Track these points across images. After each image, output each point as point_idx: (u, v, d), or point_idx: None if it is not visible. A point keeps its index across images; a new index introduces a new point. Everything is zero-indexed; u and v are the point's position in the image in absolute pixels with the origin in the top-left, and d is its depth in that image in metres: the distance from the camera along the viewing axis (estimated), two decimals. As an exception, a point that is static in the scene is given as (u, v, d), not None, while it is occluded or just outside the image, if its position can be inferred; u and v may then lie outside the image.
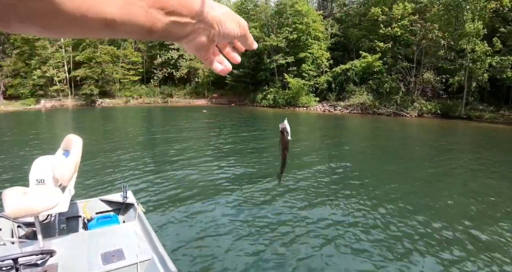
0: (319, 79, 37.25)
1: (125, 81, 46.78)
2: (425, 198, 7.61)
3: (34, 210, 3.24)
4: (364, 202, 7.19)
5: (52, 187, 3.60)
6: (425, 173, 9.97)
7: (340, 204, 7.01)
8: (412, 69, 32.75)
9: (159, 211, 6.45)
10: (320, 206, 6.92)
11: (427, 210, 6.78)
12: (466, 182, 9.24)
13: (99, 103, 44.55)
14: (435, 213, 6.63)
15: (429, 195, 7.85)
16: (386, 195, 7.74)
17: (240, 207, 6.76)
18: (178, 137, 16.23)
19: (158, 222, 5.86)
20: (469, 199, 7.61)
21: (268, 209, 6.65)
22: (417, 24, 32.48)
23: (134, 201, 4.22)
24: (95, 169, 9.63)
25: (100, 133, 18.40)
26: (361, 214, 6.52)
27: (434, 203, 7.26)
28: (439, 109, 30.11)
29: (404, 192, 8.06)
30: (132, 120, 27.37)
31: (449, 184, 8.94)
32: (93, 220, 4.05)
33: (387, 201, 7.21)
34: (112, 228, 3.74)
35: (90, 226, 3.95)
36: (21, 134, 18.26)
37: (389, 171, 10.18)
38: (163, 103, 45.99)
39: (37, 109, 40.23)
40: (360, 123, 26.21)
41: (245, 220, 6.13)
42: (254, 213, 6.43)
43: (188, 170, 9.66)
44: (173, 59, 46.28)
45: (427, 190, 8.27)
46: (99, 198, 4.40)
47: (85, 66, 44.60)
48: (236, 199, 7.19)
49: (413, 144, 16.31)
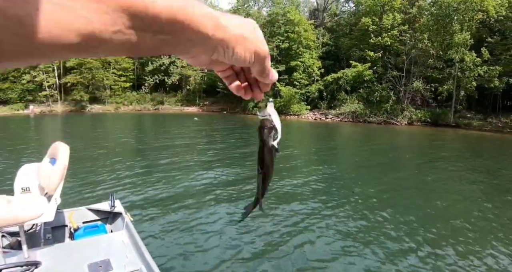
0: (311, 87, 37.51)
1: (116, 87, 46.44)
2: (415, 205, 7.65)
3: (19, 220, 3.13)
4: (355, 210, 7.18)
5: (38, 196, 3.49)
6: (415, 181, 10.03)
7: (330, 213, 6.99)
8: (402, 78, 33.23)
9: (148, 220, 6.34)
10: (311, 214, 6.89)
11: (417, 217, 6.80)
12: (455, 189, 9.32)
13: (89, 109, 44.11)
14: (425, 220, 6.65)
15: (419, 202, 7.88)
16: (377, 203, 7.75)
17: (231, 216, 6.69)
18: (168, 144, 16.12)
19: (147, 231, 5.76)
20: (459, 206, 7.66)
21: (258, 218, 6.59)
22: (407, 34, 33.07)
23: (122, 210, 4.13)
24: (82, 176, 9.47)
25: (89, 140, 18.17)
26: (351, 222, 6.50)
27: (424, 210, 7.29)
28: (429, 117, 30.56)
29: (394, 200, 8.08)
30: (122, 127, 27.13)
31: (438, 191, 9.00)
32: (80, 229, 3.95)
33: (377, 209, 7.21)
34: (99, 237, 3.64)
35: (77, 236, 3.85)
36: (8, 140, 17.93)
37: (380, 179, 10.21)
38: (154, 110, 45.75)
39: (25, 115, 39.66)
40: (351, 131, 26.38)
41: (235, 229, 6.06)
42: (245, 222, 6.37)
43: (178, 178, 9.56)
44: (164, 65, 46.19)
45: (417, 198, 8.31)
46: (86, 207, 4.29)
47: (75, 72, 44.24)
48: (226, 208, 7.13)
49: (403, 152, 16.45)
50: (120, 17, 0.33)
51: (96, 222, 4.19)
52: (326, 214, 6.96)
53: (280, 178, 9.45)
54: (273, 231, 5.98)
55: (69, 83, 44.23)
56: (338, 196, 8.22)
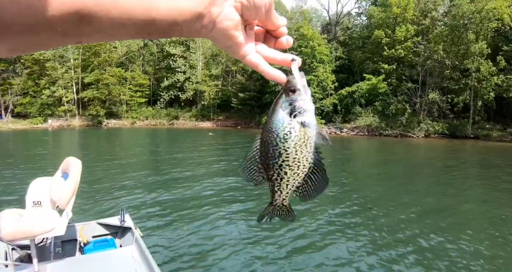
0: (325, 101, 37.39)
1: (132, 102, 47.30)
2: (436, 221, 7.35)
3: (30, 233, 3.17)
4: (372, 226, 6.95)
5: (49, 210, 3.50)
6: (435, 195, 9.70)
7: (347, 228, 6.77)
8: (417, 90, 32.80)
9: (158, 235, 6.26)
10: (327, 229, 6.69)
11: (439, 234, 6.52)
12: (477, 204, 8.96)
13: (105, 124, 44.90)
14: (447, 236, 6.37)
15: (440, 218, 7.58)
16: (395, 219, 7.49)
17: (243, 232, 6.55)
18: (182, 160, 16.14)
19: (157, 246, 5.67)
20: (482, 221, 7.34)
21: (272, 234, 6.43)
22: (421, 45, 32.81)
23: (131, 225, 4.11)
24: (95, 190, 9.50)
25: (104, 154, 18.38)
26: (369, 238, 6.27)
27: (445, 226, 6.99)
28: (446, 129, 29.94)
29: (414, 215, 7.80)
30: (137, 141, 27.43)
31: (460, 208, 8.66)
32: (90, 244, 3.93)
33: (395, 225, 6.96)
34: (109, 252, 3.61)
35: (86, 250, 3.82)
36: (26, 153, 18.29)
37: (398, 194, 9.93)
38: (169, 125, 46.20)
39: (44, 128, 40.59)
40: (367, 145, 26.00)
41: (248, 245, 5.91)
42: (258, 237, 6.22)
43: (190, 195, 9.48)
44: (179, 82, 46.89)
45: (438, 213, 8.00)
46: (96, 221, 4.29)
47: (92, 87, 45.31)
48: (239, 224, 6.98)
49: (421, 165, 16.04)
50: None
51: (106, 237, 4.17)
52: (341, 230, 6.75)
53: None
54: (287, 251, 5.81)
55: (86, 98, 45.31)
56: (353, 213, 7.99)
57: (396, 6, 34.73)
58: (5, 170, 12.84)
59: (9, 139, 28.95)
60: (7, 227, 3.09)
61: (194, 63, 48.27)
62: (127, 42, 50.95)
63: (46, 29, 0.34)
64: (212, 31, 0.46)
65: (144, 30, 0.41)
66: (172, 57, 47.95)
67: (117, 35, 0.40)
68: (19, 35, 0.32)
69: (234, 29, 0.47)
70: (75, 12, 0.34)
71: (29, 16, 0.32)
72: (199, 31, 0.45)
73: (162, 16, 0.40)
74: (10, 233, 3.08)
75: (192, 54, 48.33)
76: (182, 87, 47.20)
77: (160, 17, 0.40)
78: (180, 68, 47.00)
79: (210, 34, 0.46)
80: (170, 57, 48.35)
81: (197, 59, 48.48)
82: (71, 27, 0.36)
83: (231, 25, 0.46)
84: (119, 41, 50.04)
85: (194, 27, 0.44)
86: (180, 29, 0.43)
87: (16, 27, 0.32)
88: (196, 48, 48.51)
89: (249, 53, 0.52)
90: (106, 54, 46.31)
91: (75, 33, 0.37)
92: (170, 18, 0.41)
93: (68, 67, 45.51)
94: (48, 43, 0.37)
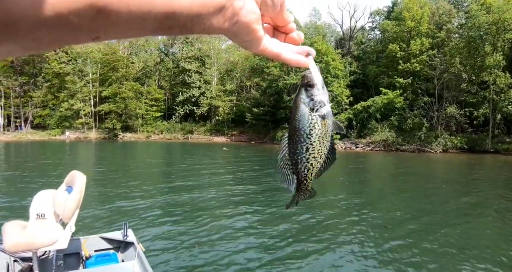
0: (340, 116, 37.12)
1: (148, 116, 48.02)
2: (455, 241, 6.98)
3: (33, 245, 3.17)
4: (389, 246, 6.64)
5: (53, 223, 3.48)
6: (453, 214, 9.30)
7: (363, 249, 6.48)
8: (434, 104, 32.23)
9: (161, 250, 6.11)
10: (342, 250, 6.42)
11: (458, 255, 6.17)
12: (499, 222, 8.52)
13: (121, 137, 45.58)
14: (466, 257, 6.01)
15: (459, 237, 7.21)
16: (412, 239, 7.16)
17: (252, 251, 6.34)
18: (194, 175, 16.04)
19: (160, 263, 5.53)
20: (503, 241, 6.93)
21: (283, 251, 6.20)
22: (437, 58, 32.41)
23: (134, 240, 4.09)
24: (100, 204, 9.44)
25: (117, 166, 18.50)
26: (385, 259, 5.98)
27: (465, 247, 6.63)
28: (465, 144, 29.16)
29: (432, 235, 7.44)
30: (151, 155, 27.60)
31: (480, 224, 8.25)
32: (92, 258, 3.90)
33: (413, 247, 6.64)
34: (111, 267, 3.58)
35: (88, 264, 3.79)
36: (43, 164, 18.54)
37: (415, 212, 9.55)
38: (183, 139, 46.54)
39: (61, 140, 41.38)
40: (383, 160, 25.50)
41: (257, 263, 5.70)
42: (272, 255, 6.00)
43: (197, 210, 9.31)
44: (194, 96, 47.43)
45: (457, 233, 7.62)
46: (99, 235, 4.27)
47: (109, 101, 46.27)
48: (247, 242, 6.76)
49: (439, 181, 15.53)
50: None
51: (108, 251, 4.16)
52: (358, 249, 6.47)
53: (307, 209, 9.03)
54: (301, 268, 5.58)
55: (103, 112, 46.27)
56: (370, 230, 7.69)
57: (410, 20, 34.57)
58: (26, 179, 13.00)
59: (28, 150, 29.56)
60: (10, 239, 3.08)
61: (208, 79, 48.89)
62: (144, 57, 52.13)
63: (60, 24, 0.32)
64: (235, 26, 0.44)
65: (165, 24, 0.38)
66: (187, 72, 48.72)
67: (136, 30, 0.37)
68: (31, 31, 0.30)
69: (256, 23, 0.46)
70: (90, 5, 0.32)
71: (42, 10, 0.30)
72: (222, 25, 0.42)
73: (184, 8, 0.38)
74: (13, 245, 3.07)
75: (207, 69, 49.01)
76: (197, 102, 47.72)
77: (182, 9, 0.38)
78: (195, 83, 47.63)
79: (232, 29, 0.44)
80: (185, 72, 49.16)
81: (212, 74, 49.09)
82: (87, 21, 0.33)
83: (254, 19, 0.45)
84: (136, 55, 51.43)
85: (217, 21, 0.42)
86: (203, 23, 0.40)
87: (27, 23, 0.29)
88: (211, 64, 49.20)
89: (268, 45, 0.51)
90: (123, 69, 47.39)
91: (91, 29, 0.34)
92: (192, 10, 0.38)
93: (87, 81, 46.74)
94: (63, 40, 0.34)
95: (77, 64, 46.53)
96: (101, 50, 46.99)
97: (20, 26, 0.30)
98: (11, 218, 3.80)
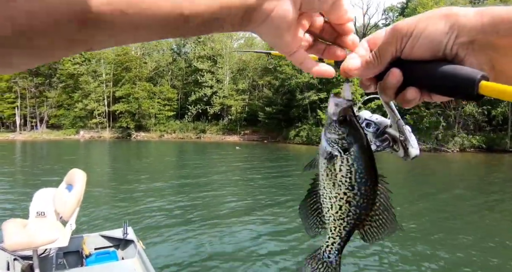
0: (353, 114, 36.62)
1: (160, 116, 48.30)
2: (473, 244, 6.57)
3: (33, 244, 3.18)
4: (403, 248, 6.28)
5: (53, 221, 3.46)
6: (471, 215, 8.86)
7: (377, 251, 6.14)
8: (451, 102, 31.43)
9: (162, 248, 5.95)
10: (355, 253, 6.08)
11: (476, 259, 5.78)
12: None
13: (134, 136, 45.97)
14: (484, 262, 5.63)
15: (477, 241, 6.79)
16: (428, 242, 6.77)
17: (257, 255, 6.04)
18: (204, 174, 15.87)
19: (160, 260, 5.35)
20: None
21: (290, 258, 5.89)
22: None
23: (134, 238, 4.10)
24: (107, 201, 9.34)
25: (128, 165, 18.46)
26: (400, 261, 5.64)
27: (483, 252, 6.22)
28: (483, 143, 28.34)
29: (448, 238, 7.03)
30: (163, 154, 27.64)
31: (498, 227, 7.80)
32: (92, 256, 3.93)
33: (429, 249, 6.27)
34: (111, 264, 3.59)
35: (88, 262, 3.82)
36: (58, 163, 18.62)
37: (430, 214, 9.13)
38: (196, 138, 46.62)
39: (76, 139, 41.93)
40: (397, 160, 24.86)
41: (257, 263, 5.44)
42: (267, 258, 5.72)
43: (204, 209, 9.09)
44: (206, 96, 47.45)
45: (475, 236, 7.20)
46: (99, 233, 4.30)
47: (123, 101, 46.73)
48: (253, 245, 6.46)
49: (456, 182, 14.99)
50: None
51: (108, 249, 4.19)
52: (371, 251, 6.13)
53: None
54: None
55: (117, 111, 46.74)
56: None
57: (426, 17, 33.82)
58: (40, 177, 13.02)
59: (43, 148, 29.96)
60: (10, 237, 3.10)
61: (221, 78, 48.84)
62: (157, 57, 52.48)
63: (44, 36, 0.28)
64: (260, 27, 0.40)
65: (175, 31, 0.34)
66: (199, 72, 48.77)
67: (138, 38, 0.34)
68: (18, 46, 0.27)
69: (286, 29, 0.41)
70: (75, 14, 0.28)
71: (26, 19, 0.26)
72: (245, 26, 0.39)
73: (199, 13, 0.33)
74: (13, 243, 3.09)
75: (219, 68, 48.98)
76: (209, 101, 47.74)
77: (196, 14, 0.33)
78: (207, 82, 47.65)
79: (257, 29, 0.40)
80: (197, 72, 49.20)
81: (224, 73, 49.04)
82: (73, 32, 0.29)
83: (284, 25, 0.40)
84: (148, 55, 51.84)
85: (239, 22, 0.37)
86: (221, 25, 0.36)
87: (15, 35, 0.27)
88: (223, 63, 49.16)
89: (295, 50, 0.45)
90: (136, 70, 47.80)
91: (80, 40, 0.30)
92: (209, 14, 0.34)
93: (101, 82, 47.29)
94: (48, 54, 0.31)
95: (90, 64, 47.21)
96: (114, 51, 47.53)
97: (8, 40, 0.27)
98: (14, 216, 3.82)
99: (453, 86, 0.41)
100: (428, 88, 0.46)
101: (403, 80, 0.45)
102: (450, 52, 0.42)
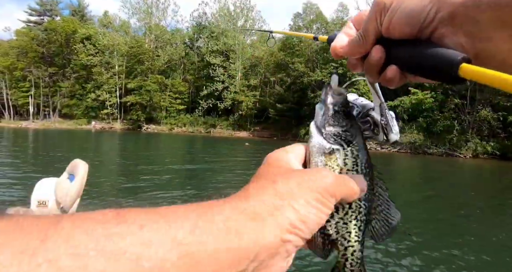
0: (366, 115, 36.20)
1: (171, 109, 48.44)
2: (483, 253, 6.36)
3: None
4: (411, 256, 6.10)
5: (54, 211, 3.32)
6: (482, 223, 8.60)
7: (383, 258, 5.98)
8: (465, 106, 30.77)
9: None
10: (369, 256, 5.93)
11: (487, 266, 5.58)
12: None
13: (144, 129, 46.19)
14: None
15: (488, 250, 6.57)
16: (436, 249, 6.57)
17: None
18: (210, 168, 15.81)
19: None
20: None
21: (297, 255, 5.76)
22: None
23: None
24: (112, 193, 9.30)
25: (136, 157, 18.48)
26: (408, 267, 5.47)
27: (494, 260, 6.00)
28: (497, 150, 27.65)
29: (457, 247, 6.83)
30: (173, 147, 27.65)
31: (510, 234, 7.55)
32: None
33: (437, 257, 6.08)
34: None
35: None
36: (68, 151, 18.76)
37: (440, 221, 8.90)
38: (206, 133, 46.61)
39: (87, 129, 42.33)
40: (409, 163, 24.54)
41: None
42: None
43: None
44: (218, 91, 47.37)
45: (485, 245, 6.97)
46: None
47: (135, 93, 46.95)
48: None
49: (468, 189, 14.65)
50: None
51: None
52: (377, 257, 5.97)
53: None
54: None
55: (128, 103, 47.00)
56: (390, 238, 7.13)
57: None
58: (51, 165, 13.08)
59: (56, 137, 30.31)
60: None
61: (233, 73, 48.69)
62: (170, 50, 52.53)
63: None
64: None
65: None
66: (212, 66, 48.68)
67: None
68: None
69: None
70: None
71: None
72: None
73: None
74: None
75: (231, 64, 48.81)
76: (221, 96, 47.66)
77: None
78: (219, 77, 47.54)
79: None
80: (210, 66, 49.12)
81: (236, 69, 48.86)
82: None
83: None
84: (161, 49, 51.87)
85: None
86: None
87: None
88: (235, 58, 48.95)
89: None
90: (149, 62, 47.93)
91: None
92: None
93: (113, 73, 47.59)
94: None
95: (104, 56, 47.48)
96: (127, 43, 47.65)
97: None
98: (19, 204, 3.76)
99: (433, 67, 0.40)
100: (409, 69, 0.44)
101: (386, 60, 0.45)
102: (429, 28, 0.41)
